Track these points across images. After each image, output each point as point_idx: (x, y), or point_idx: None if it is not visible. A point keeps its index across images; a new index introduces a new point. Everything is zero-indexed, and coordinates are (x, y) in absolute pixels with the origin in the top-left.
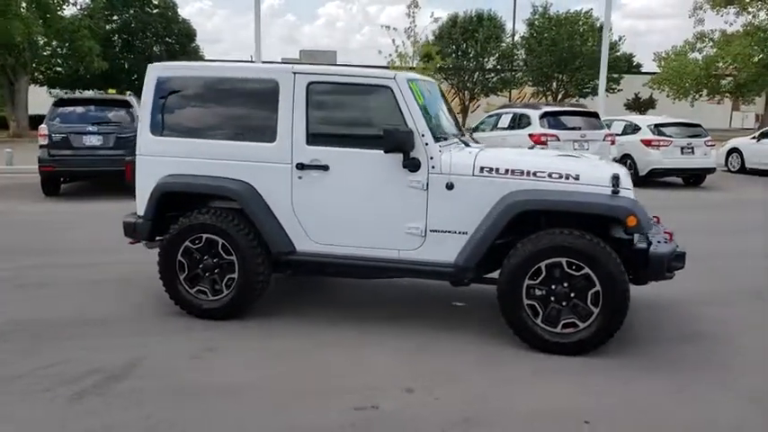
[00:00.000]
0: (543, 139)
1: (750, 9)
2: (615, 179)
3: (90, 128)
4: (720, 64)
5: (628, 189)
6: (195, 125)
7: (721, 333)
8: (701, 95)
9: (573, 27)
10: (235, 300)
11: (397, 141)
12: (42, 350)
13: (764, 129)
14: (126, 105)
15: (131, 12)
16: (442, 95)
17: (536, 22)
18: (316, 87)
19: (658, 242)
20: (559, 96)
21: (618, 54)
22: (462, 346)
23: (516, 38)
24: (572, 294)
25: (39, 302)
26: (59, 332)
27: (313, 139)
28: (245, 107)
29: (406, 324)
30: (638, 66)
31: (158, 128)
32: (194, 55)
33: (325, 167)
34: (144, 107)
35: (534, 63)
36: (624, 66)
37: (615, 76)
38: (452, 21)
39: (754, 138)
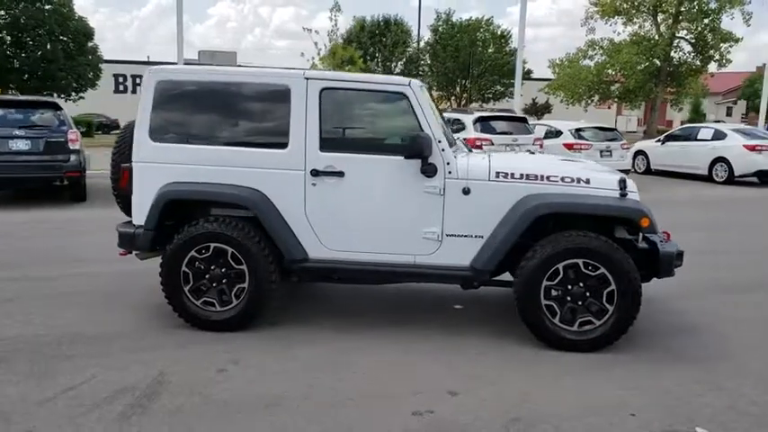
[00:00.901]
0: (478, 143)
1: (635, 20)
2: (622, 183)
3: (17, 132)
4: (610, 71)
5: (633, 192)
6: (200, 131)
7: (710, 324)
8: (593, 101)
9: (474, 34)
10: (246, 310)
11: (420, 147)
12: (56, 371)
13: (669, 132)
14: (54, 107)
15: (21, 6)
16: (434, 101)
17: (440, 29)
18: (329, 93)
19: (660, 242)
20: (463, 101)
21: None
22: (482, 349)
23: (422, 43)
24: (587, 294)
25: (24, 318)
26: (63, 350)
27: (327, 145)
28: (254, 113)
29: (414, 328)
30: (529, 72)
31: (159, 134)
32: (93, 54)
33: (341, 174)
34: (142, 111)
35: (439, 68)
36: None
37: (513, 82)
38: (360, 25)
39: (659, 141)
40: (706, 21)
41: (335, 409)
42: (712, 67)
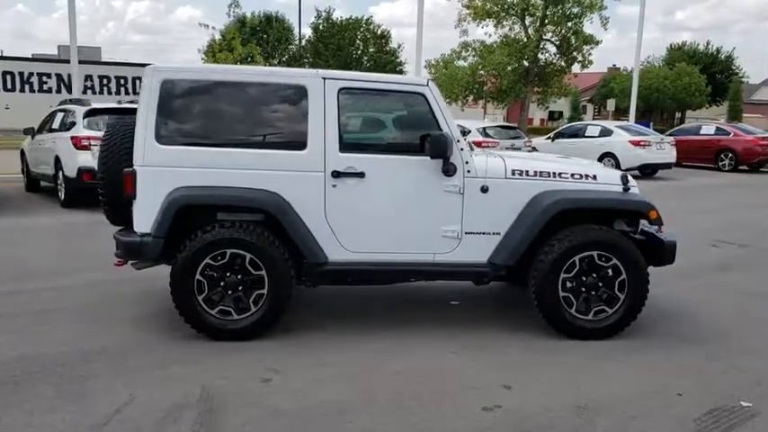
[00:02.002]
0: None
1: (505, 23)
2: (624, 178)
3: None
4: (483, 72)
5: (634, 186)
6: (211, 133)
7: (686, 308)
8: (467, 100)
9: (354, 33)
10: (266, 316)
11: (443, 147)
12: (87, 392)
13: (558, 129)
14: None
15: None
16: None
17: (321, 26)
18: (347, 93)
19: (656, 232)
20: None
21: (397, 61)
22: (506, 342)
23: (303, 41)
24: (600, 284)
25: (15, 338)
26: (81, 369)
27: (346, 145)
28: (269, 114)
29: (430, 327)
30: (401, 72)
31: (166, 136)
32: None
33: (361, 174)
34: (146, 113)
35: (322, 67)
36: (396, 72)
37: None
38: (241, 21)
39: (549, 138)
40: (570, 24)
41: (404, 409)
42: (576, 67)
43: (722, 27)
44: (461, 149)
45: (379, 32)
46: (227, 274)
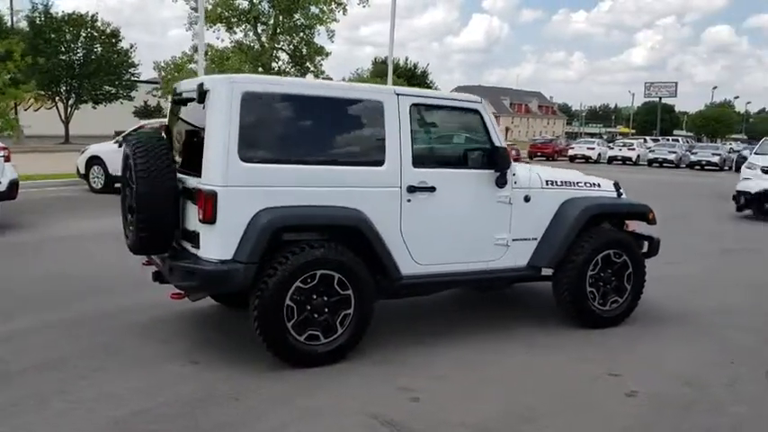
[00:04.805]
0: None
1: (237, 29)
2: (617, 185)
3: None
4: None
5: (623, 192)
6: (294, 149)
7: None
8: None
9: (79, 30)
10: (353, 337)
11: (506, 160)
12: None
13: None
14: None
15: None
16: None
17: (38, 21)
18: (417, 109)
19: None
20: (71, 101)
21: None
22: (553, 335)
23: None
24: (613, 278)
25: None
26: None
27: (418, 160)
28: (348, 129)
29: (468, 332)
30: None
31: (249, 153)
32: None
33: (432, 189)
34: (225, 128)
35: (44, 65)
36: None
37: (127, 83)
38: None
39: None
40: (302, 34)
41: (546, 407)
42: (309, 77)
43: (401, 44)
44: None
45: (108, 31)
46: (314, 297)
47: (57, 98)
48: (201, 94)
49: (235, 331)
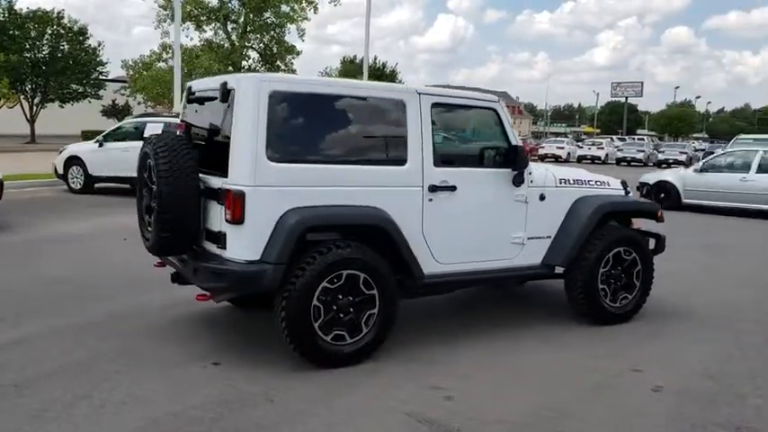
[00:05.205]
0: None
1: (206, 27)
2: (624, 183)
3: None
4: (194, 76)
5: (629, 190)
6: (320, 149)
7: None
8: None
9: (45, 27)
10: (378, 336)
11: (525, 159)
12: None
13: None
14: None
15: None
16: None
17: (1, 17)
18: (437, 108)
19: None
20: (36, 99)
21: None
22: (560, 332)
23: None
24: (623, 275)
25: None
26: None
27: (438, 160)
28: (371, 128)
29: (484, 330)
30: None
31: (277, 153)
32: None
33: (453, 188)
34: (253, 127)
35: (11, 63)
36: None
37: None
38: None
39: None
40: (272, 33)
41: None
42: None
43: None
44: None
45: (76, 28)
46: (339, 297)
47: (22, 96)
48: (225, 93)
49: (250, 331)
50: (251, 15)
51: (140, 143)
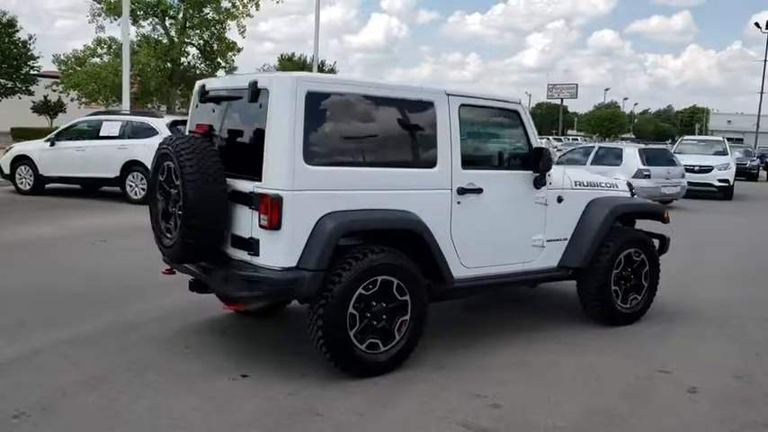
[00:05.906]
0: None
1: (143, 22)
2: (630, 185)
3: None
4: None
5: (635, 192)
6: (354, 151)
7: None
8: (114, 100)
9: None
10: (410, 343)
11: (549, 162)
12: None
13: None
14: None
15: None
16: None
17: None
18: (464, 110)
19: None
20: None
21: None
22: (579, 340)
23: None
24: (632, 276)
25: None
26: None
27: (465, 162)
28: (403, 130)
29: (504, 334)
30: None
31: (315, 156)
32: None
33: (479, 191)
34: (290, 129)
35: None
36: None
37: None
38: None
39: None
40: (213, 29)
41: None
42: (221, 72)
43: (302, 40)
44: None
45: (5, 20)
46: (373, 304)
47: None
48: (254, 93)
49: (264, 340)
50: (190, 11)
51: (97, 142)
